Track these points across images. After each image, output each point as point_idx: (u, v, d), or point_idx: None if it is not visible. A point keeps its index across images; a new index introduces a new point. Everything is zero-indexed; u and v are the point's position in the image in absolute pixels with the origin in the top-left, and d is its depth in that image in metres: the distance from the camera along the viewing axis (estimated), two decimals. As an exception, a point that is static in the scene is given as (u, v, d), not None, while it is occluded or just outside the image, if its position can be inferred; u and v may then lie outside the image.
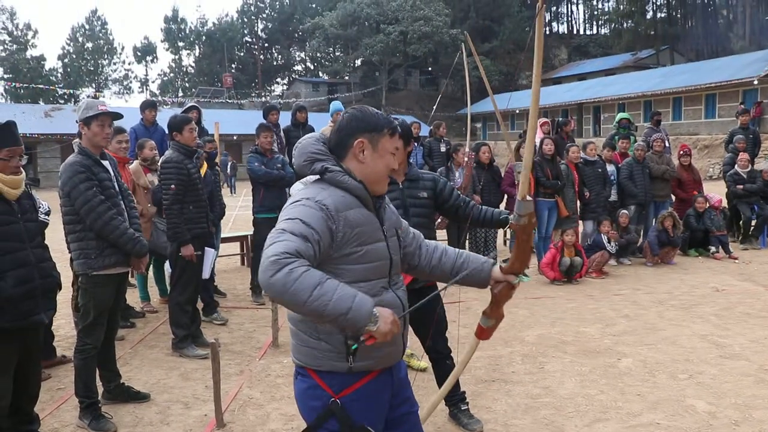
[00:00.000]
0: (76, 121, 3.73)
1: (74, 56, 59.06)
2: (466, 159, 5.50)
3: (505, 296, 2.24)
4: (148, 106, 7.79)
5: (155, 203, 5.86)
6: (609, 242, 8.01)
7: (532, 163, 2.22)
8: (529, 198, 2.19)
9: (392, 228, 2.14)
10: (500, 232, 9.08)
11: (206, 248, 5.14)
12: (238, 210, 14.50)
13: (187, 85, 63.62)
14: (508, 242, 9.84)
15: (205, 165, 5.94)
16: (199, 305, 5.46)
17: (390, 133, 2.05)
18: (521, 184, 2.20)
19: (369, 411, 2.00)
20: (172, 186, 4.76)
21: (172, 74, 64.26)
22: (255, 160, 6.51)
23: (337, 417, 1.95)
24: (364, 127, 2.04)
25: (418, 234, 2.35)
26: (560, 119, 11.53)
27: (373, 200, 2.05)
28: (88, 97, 6.70)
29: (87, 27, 60.43)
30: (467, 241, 7.91)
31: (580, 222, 8.55)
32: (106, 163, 3.78)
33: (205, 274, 5.19)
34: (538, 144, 8.17)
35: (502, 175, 8.09)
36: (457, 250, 2.33)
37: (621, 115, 10.56)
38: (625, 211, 8.57)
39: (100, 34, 60.64)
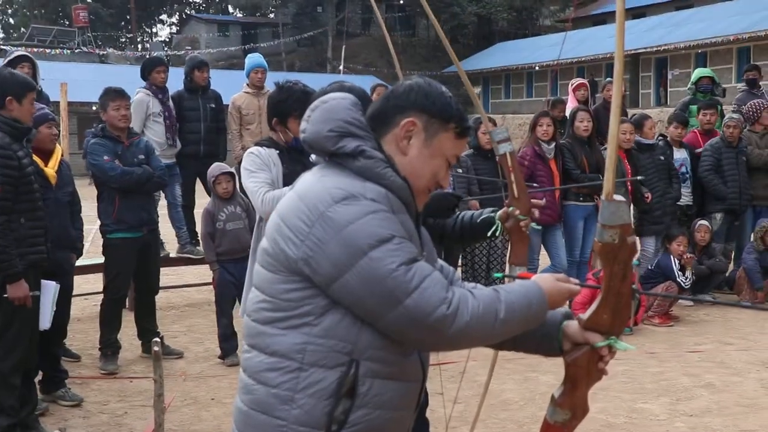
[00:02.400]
0: None
1: None
2: None
3: (584, 370, 2.17)
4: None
5: None
6: (682, 271, 8.12)
7: (617, 136, 2.13)
8: (619, 198, 2.10)
9: (431, 260, 2.24)
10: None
11: (43, 281, 5.10)
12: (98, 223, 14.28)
13: (11, 21, 62.55)
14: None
15: (59, 151, 5.87)
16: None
17: (457, 132, 2.18)
18: (606, 174, 2.11)
19: None
20: None
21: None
22: (103, 151, 6.34)
23: None
24: (425, 105, 2.15)
25: (449, 270, 2.41)
26: (604, 79, 11.71)
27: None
28: None
29: None
30: (461, 268, 7.97)
31: (635, 239, 8.70)
32: None
33: (44, 324, 5.13)
34: (569, 117, 8.32)
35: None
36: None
37: (700, 71, 10.70)
38: (704, 222, 8.67)
39: None
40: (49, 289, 5.20)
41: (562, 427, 2.22)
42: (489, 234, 3.58)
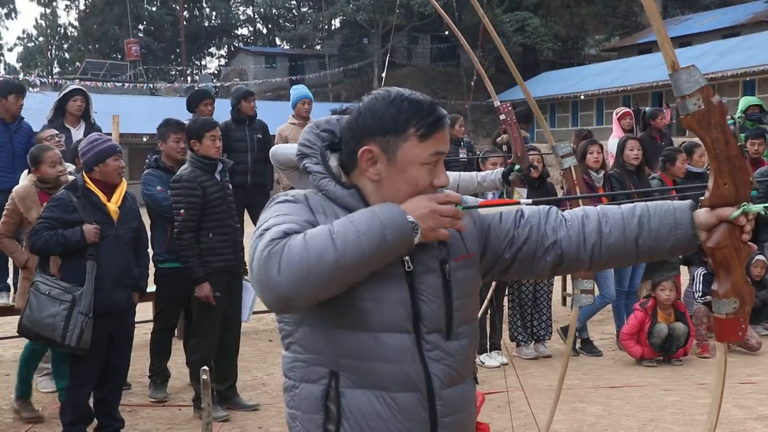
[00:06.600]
0: None
1: None
2: (505, 118, 5.52)
3: (731, 249, 2.05)
4: (12, 91, 7.75)
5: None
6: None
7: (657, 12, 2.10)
8: (685, 66, 2.04)
9: (432, 258, 2.12)
10: (556, 285, 9.07)
11: (245, 283, 6.55)
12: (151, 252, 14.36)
13: (66, 56, 63.85)
14: (570, 299, 9.83)
15: (124, 185, 5.63)
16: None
17: (420, 133, 2.05)
18: (664, 49, 2.06)
19: None
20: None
21: (41, 38, 64.63)
22: (156, 181, 6.45)
23: None
24: (375, 126, 2.07)
25: (553, 214, 2.26)
26: (649, 109, 11.60)
27: None
28: None
29: None
30: (507, 297, 7.95)
31: (684, 268, 8.57)
32: None
33: (243, 316, 6.53)
34: (614, 147, 8.27)
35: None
36: (611, 207, 2.25)
37: (748, 100, 10.58)
38: (761, 258, 8.48)
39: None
40: (250, 289, 6.42)
41: (735, 317, 2.11)
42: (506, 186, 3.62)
